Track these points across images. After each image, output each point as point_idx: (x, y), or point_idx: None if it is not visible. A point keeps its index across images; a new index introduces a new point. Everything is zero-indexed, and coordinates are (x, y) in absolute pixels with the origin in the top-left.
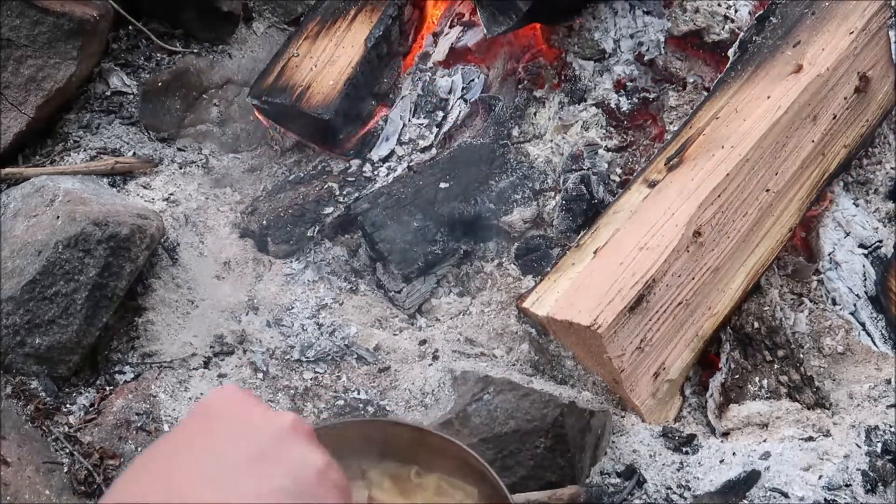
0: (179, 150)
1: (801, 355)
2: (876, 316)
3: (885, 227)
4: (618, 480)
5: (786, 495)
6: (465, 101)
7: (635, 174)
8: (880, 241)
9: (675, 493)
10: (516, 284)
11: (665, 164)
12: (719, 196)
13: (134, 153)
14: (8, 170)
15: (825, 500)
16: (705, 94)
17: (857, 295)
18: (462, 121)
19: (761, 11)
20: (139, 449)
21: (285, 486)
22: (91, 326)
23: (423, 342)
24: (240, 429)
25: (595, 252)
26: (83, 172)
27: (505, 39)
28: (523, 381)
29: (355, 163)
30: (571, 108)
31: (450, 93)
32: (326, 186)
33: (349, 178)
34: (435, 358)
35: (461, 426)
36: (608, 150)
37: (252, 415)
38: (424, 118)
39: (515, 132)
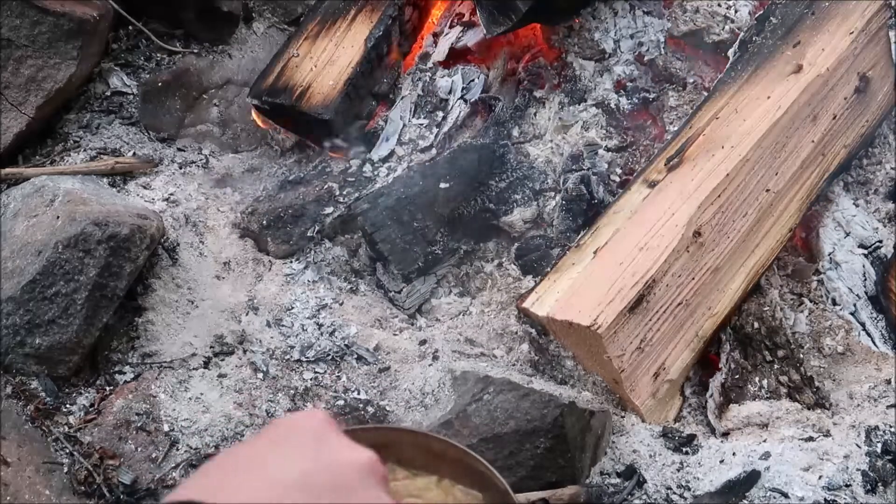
0: (179, 150)
1: (801, 355)
2: (876, 316)
3: (885, 227)
4: (618, 480)
5: (786, 495)
6: (465, 101)
7: (635, 174)
8: (880, 241)
9: (675, 493)
10: (516, 284)
11: (665, 165)
12: (719, 196)
13: (134, 153)
14: (8, 170)
15: (825, 500)
16: (705, 94)
17: (857, 295)
18: (462, 121)
19: (761, 11)
20: (139, 449)
21: None
22: (91, 326)
23: (423, 342)
24: (317, 455)
25: (595, 252)
26: (83, 172)
27: (505, 39)
28: (523, 381)
29: (355, 163)
30: (571, 109)
31: (450, 93)
32: (326, 186)
33: (349, 178)
34: (435, 358)
35: (461, 426)
36: (608, 150)
37: (332, 444)
38: (424, 118)
39: (515, 132)
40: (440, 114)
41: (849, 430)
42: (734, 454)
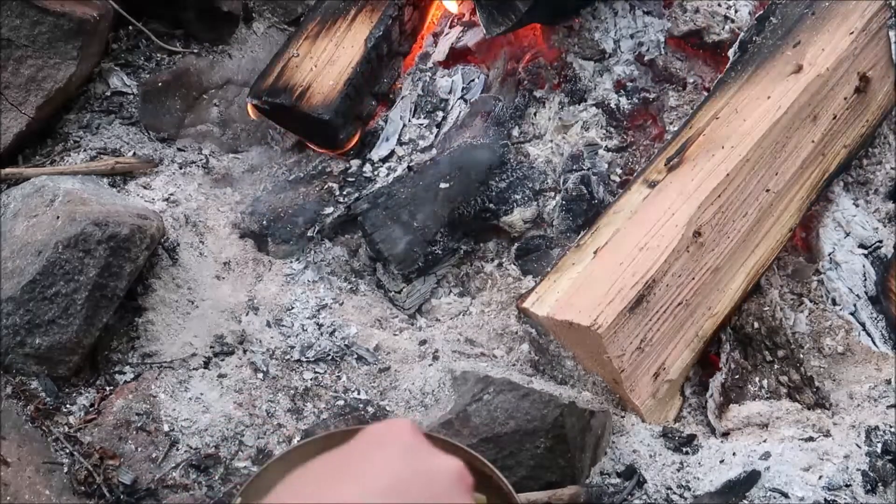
0: (179, 150)
1: (801, 355)
2: (876, 316)
3: (885, 227)
4: (618, 480)
5: (786, 495)
6: (465, 101)
7: (635, 174)
8: (880, 241)
9: (675, 493)
10: (516, 284)
11: (665, 165)
12: (719, 196)
13: (134, 153)
14: (8, 170)
15: (825, 500)
16: (705, 94)
17: (857, 295)
18: (462, 121)
19: (761, 11)
20: (139, 449)
21: None
22: (91, 326)
23: (423, 342)
24: (409, 462)
25: (595, 252)
26: (83, 172)
27: (505, 40)
28: (523, 381)
29: (355, 163)
30: (571, 109)
31: (450, 93)
32: (326, 186)
33: (349, 178)
34: (435, 358)
35: (461, 426)
36: (608, 150)
37: (423, 451)
38: (424, 118)
39: (515, 132)
40: (440, 114)
41: (849, 430)
42: (734, 454)
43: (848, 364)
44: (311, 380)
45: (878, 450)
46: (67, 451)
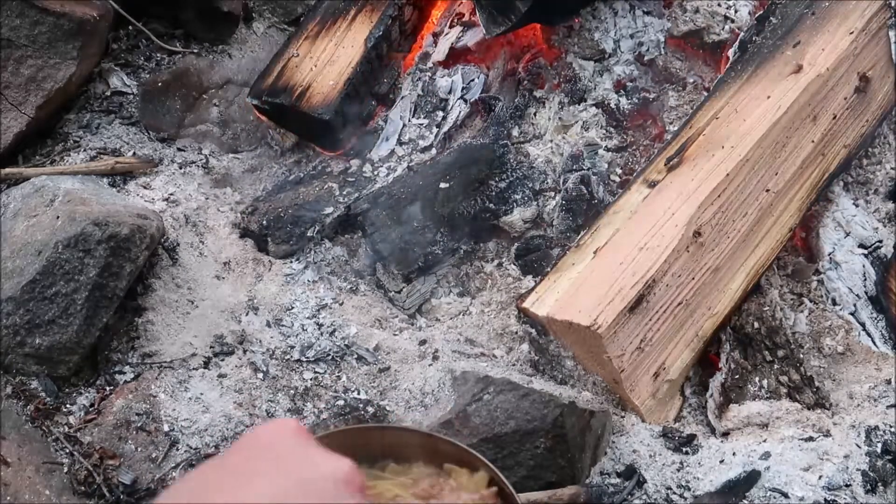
0: (179, 150)
1: (801, 355)
2: (876, 316)
3: (885, 227)
4: (618, 480)
5: (786, 495)
6: (465, 101)
7: (635, 174)
8: (880, 241)
9: (675, 493)
10: (516, 284)
11: (665, 164)
12: (719, 196)
13: (134, 153)
14: (8, 170)
15: (825, 500)
16: (705, 94)
17: (857, 295)
18: (462, 121)
19: (761, 11)
20: (139, 449)
21: None
22: (91, 326)
23: (423, 342)
24: (291, 470)
25: (595, 252)
26: (83, 172)
27: (505, 40)
28: (523, 381)
29: (355, 163)
30: (571, 109)
31: (450, 93)
32: (326, 186)
33: (349, 178)
34: (435, 358)
35: (461, 426)
36: (608, 150)
37: (307, 455)
38: (424, 118)
39: (515, 132)
40: (440, 114)
41: (849, 430)
42: (734, 454)
43: (848, 364)
44: (311, 380)
45: (878, 450)
46: (67, 451)
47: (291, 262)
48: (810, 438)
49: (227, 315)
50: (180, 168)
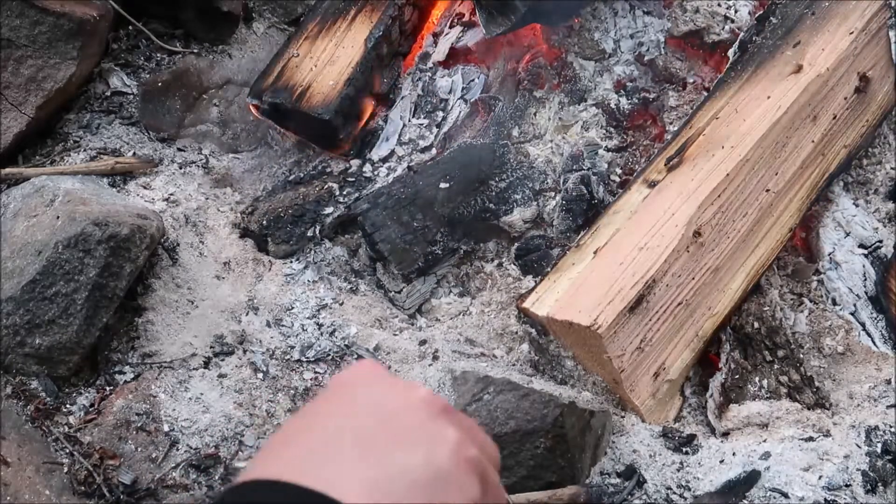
0: (179, 150)
1: (801, 355)
2: (876, 316)
3: (885, 227)
4: (618, 480)
5: (786, 495)
6: (466, 101)
7: (635, 174)
8: (880, 241)
9: (675, 493)
10: (516, 284)
11: (665, 165)
12: (719, 196)
13: (134, 153)
14: (8, 170)
15: (825, 500)
16: (705, 94)
17: (857, 295)
18: (462, 121)
19: (761, 11)
20: (139, 449)
21: (414, 463)
22: (91, 326)
23: (423, 342)
24: (372, 401)
25: (595, 252)
26: (83, 172)
27: (505, 39)
28: (523, 381)
29: (355, 163)
30: (571, 109)
31: (450, 93)
32: (326, 186)
33: (349, 178)
34: (435, 358)
35: None
36: (608, 150)
37: (385, 387)
38: (424, 118)
39: (515, 132)
40: (440, 114)
41: (849, 430)
42: (734, 454)
43: (848, 364)
44: (311, 380)
45: (878, 450)
46: (67, 451)
47: (291, 262)
48: (810, 438)
49: (227, 315)
50: (180, 168)
